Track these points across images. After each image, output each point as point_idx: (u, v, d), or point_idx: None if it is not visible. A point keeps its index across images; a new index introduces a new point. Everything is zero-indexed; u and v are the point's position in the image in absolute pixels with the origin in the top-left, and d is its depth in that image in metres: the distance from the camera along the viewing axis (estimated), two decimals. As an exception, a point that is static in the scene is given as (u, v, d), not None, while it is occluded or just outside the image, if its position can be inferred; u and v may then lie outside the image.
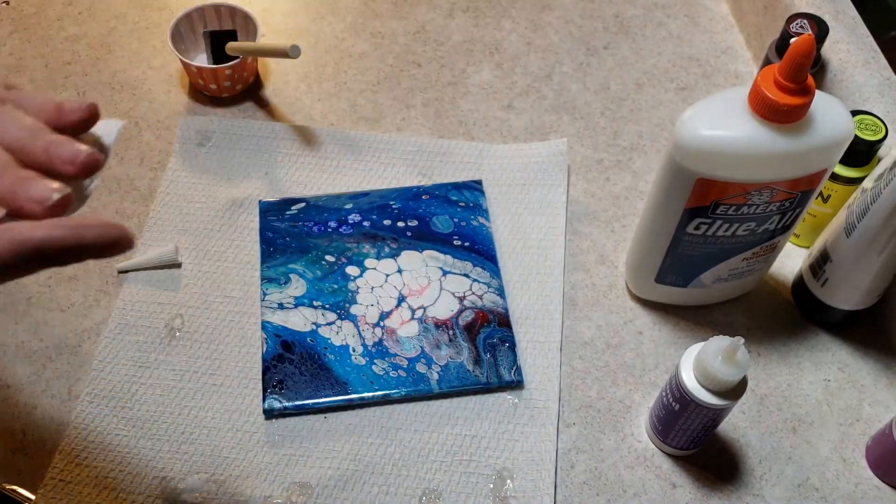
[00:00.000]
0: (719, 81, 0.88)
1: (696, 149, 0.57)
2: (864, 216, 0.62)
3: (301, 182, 0.79)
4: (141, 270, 0.74)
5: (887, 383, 0.69)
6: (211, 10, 0.85)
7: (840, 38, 0.78)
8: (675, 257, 0.66)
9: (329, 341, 0.69)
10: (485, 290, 0.72)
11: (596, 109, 0.86)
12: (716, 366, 0.55)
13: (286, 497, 0.63)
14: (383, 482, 0.64)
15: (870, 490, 0.64)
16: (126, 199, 0.78)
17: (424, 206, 0.77)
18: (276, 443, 0.65)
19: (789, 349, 0.71)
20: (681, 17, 0.94)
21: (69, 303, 0.72)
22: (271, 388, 0.66)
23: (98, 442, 0.65)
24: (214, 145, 0.82)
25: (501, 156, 0.81)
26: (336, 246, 0.74)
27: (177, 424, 0.66)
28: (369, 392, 0.66)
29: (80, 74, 0.87)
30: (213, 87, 0.84)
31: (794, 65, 0.53)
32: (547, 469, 0.64)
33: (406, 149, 0.82)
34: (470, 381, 0.67)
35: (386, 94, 0.87)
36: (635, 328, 0.72)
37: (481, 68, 0.89)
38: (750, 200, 0.60)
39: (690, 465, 0.65)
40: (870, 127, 0.67)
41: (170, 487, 0.63)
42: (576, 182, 0.81)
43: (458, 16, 0.94)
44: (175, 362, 0.69)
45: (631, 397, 0.68)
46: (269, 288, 0.72)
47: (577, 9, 0.95)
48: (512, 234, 0.76)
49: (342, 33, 0.92)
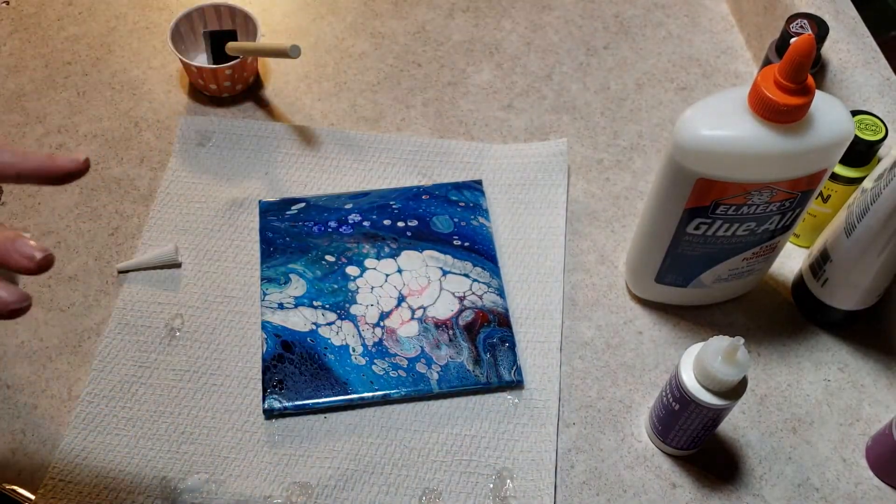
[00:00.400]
0: (719, 81, 0.88)
1: (696, 149, 0.57)
2: (864, 216, 0.62)
3: (301, 182, 0.79)
4: (141, 270, 0.74)
5: (887, 383, 0.69)
6: (211, 10, 0.85)
7: (840, 38, 0.78)
8: (675, 257, 0.66)
9: (329, 341, 0.69)
10: (485, 290, 0.72)
11: (596, 109, 0.86)
12: (716, 366, 0.55)
13: (286, 497, 0.63)
14: (383, 482, 0.64)
15: (870, 490, 0.64)
16: (126, 199, 0.78)
17: (424, 206, 0.77)
18: (276, 443, 0.65)
19: (789, 349, 0.71)
20: (681, 17, 0.94)
21: (69, 303, 0.72)
22: (271, 388, 0.66)
23: (98, 442, 0.65)
24: (214, 145, 0.82)
25: (501, 156, 0.81)
26: (336, 246, 0.74)
27: (177, 424, 0.66)
28: (369, 392, 0.66)
29: (80, 74, 0.87)
30: (213, 87, 0.84)
31: (794, 65, 0.53)
32: (547, 469, 0.64)
33: (406, 149, 0.82)
34: (470, 381, 0.67)
35: (386, 94, 0.87)
36: (635, 328, 0.72)
37: (481, 68, 0.89)
38: (750, 200, 0.60)
39: (690, 465, 0.65)
40: (870, 127, 0.67)
41: (170, 487, 0.63)
42: (576, 182, 0.81)
43: (458, 16, 0.94)
44: (175, 362, 0.69)
45: (631, 397, 0.68)
46: (269, 288, 0.72)
47: (577, 9, 0.95)
48: (512, 234, 0.76)
49: (342, 33, 0.92)
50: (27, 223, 0.77)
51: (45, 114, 0.84)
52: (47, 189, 0.79)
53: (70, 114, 0.84)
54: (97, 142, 0.82)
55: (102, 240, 0.76)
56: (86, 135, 0.83)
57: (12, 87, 0.86)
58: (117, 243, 0.76)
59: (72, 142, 0.82)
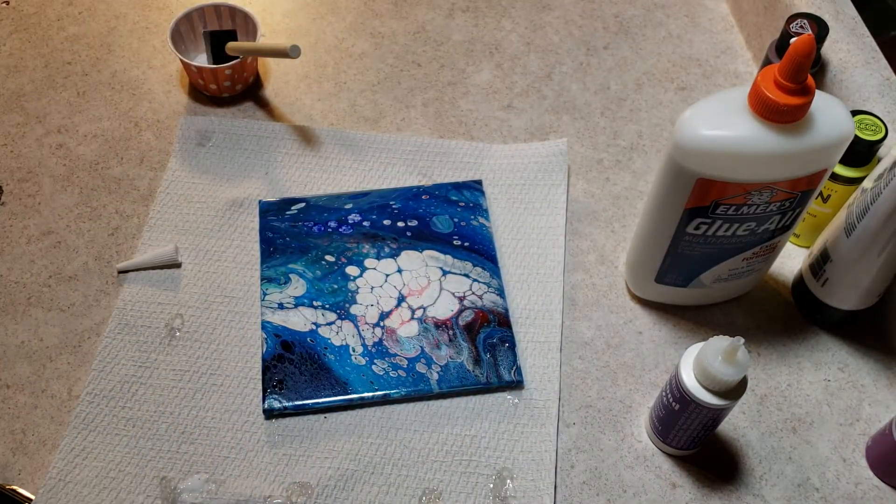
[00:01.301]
0: (719, 81, 0.88)
1: (696, 149, 0.57)
2: (864, 216, 0.62)
3: (301, 182, 0.79)
4: (141, 270, 0.74)
5: (887, 383, 0.69)
6: (211, 10, 0.85)
7: (840, 38, 0.78)
8: (675, 257, 0.66)
9: (329, 341, 0.69)
10: (485, 290, 0.72)
11: (596, 109, 0.86)
12: (716, 366, 0.55)
13: (286, 497, 0.63)
14: (383, 482, 0.64)
15: (870, 490, 0.64)
16: (126, 199, 0.78)
17: (424, 205, 0.77)
18: (276, 443, 0.65)
19: (789, 349, 0.71)
20: (681, 17, 0.94)
21: (69, 303, 0.72)
22: (271, 388, 0.66)
23: (98, 442, 0.65)
24: (214, 145, 0.82)
25: (501, 156, 0.81)
26: (336, 246, 0.74)
27: (177, 424, 0.66)
28: (369, 392, 0.66)
29: (80, 74, 0.87)
30: (213, 87, 0.84)
31: (794, 65, 0.53)
32: (547, 469, 0.64)
33: (406, 149, 0.82)
34: (470, 381, 0.67)
35: (386, 94, 0.87)
36: (635, 328, 0.72)
37: (481, 68, 0.89)
38: (750, 200, 0.60)
39: (690, 465, 0.65)
40: (870, 127, 0.67)
41: (170, 487, 0.63)
42: (576, 182, 0.81)
43: (458, 16, 0.94)
44: (175, 362, 0.69)
45: (631, 397, 0.68)
46: (269, 288, 0.72)
47: (577, 9, 0.95)
48: (512, 234, 0.76)
49: (342, 33, 0.92)
50: (27, 223, 0.77)
51: (45, 114, 0.84)
52: (48, 189, 0.79)
53: (70, 114, 0.84)
54: (97, 142, 0.82)
55: (102, 240, 0.76)
56: (86, 135, 0.83)
57: (12, 87, 0.86)
58: (117, 243, 0.76)
59: (72, 142, 0.82)
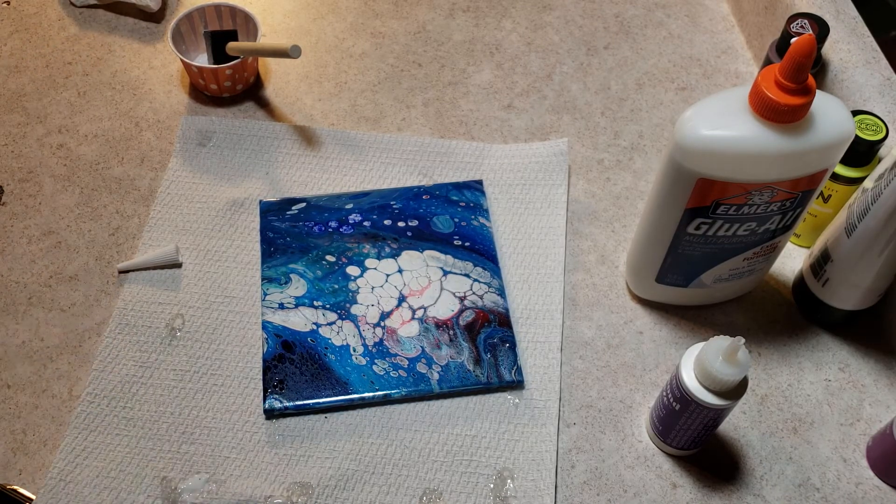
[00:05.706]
0: (720, 81, 0.88)
1: (697, 149, 0.57)
2: (865, 216, 0.62)
3: (301, 182, 0.79)
4: (141, 270, 0.74)
5: (888, 383, 0.69)
6: (211, 10, 0.85)
7: (840, 37, 0.78)
8: (675, 257, 0.66)
9: (329, 341, 0.69)
10: (485, 290, 0.72)
11: (596, 109, 0.86)
12: (716, 366, 0.55)
13: (287, 497, 0.63)
14: (384, 482, 0.64)
15: (870, 490, 0.64)
16: (126, 199, 0.78)
17: (425, 205, 0.77)
18: (276, 443, 0.65)
19: (790, 349, 0.71)
20: (681, 17, 0.94)
21: (70, 303, 0.72)
22: (272, 388, 0.66)
23: (98, 442, 0.65)
24: (215, 145, 0.82)
25: (502, 156, 0.81)
26: (337, 246, 0.74)
27: (177, 424, 0.66)
28: (370, 392, 0.66)
29: (81, 74, 0.87)
30: (213, 87, 0.84)
31: (794, 65, 0.53)
32: (547, 469, 0.64)
33: (406, 149, 0.82)
34: (470, 381, 0.67)
35: (386, 94, 0.87)
36: (636, 328, 0.72)
37: (482, 68, 0.89)
38: (750, 200, 0.60)
39: (691, 465, 0.65)
40: (870, 127, 0.67)
41: (170, 487, 0.63)
42: (576, 182, 0.81)
43: (459, 16, 0.94)
44: (175, 362, 0.69)
45: (631, 397, 0.68)
46: (270, 288, 0.72)
47: (578, 9, 0.95)
48: (512, 234, 0.76)
49: (342, 33, 0.92)
50: (28, 223, 0.77)
51: (46, 114, 0.84)
52: (48, 189, 0.79)
53: (70, 114, 0.84)
54: (98, 142, 0.82)
55: (103, 240, 0.76)
56: (86, 135, 0.83)
57: (13, 87, 0.86)
58: (118, 243, 0.76)
59: (72, 142, 0.82)
